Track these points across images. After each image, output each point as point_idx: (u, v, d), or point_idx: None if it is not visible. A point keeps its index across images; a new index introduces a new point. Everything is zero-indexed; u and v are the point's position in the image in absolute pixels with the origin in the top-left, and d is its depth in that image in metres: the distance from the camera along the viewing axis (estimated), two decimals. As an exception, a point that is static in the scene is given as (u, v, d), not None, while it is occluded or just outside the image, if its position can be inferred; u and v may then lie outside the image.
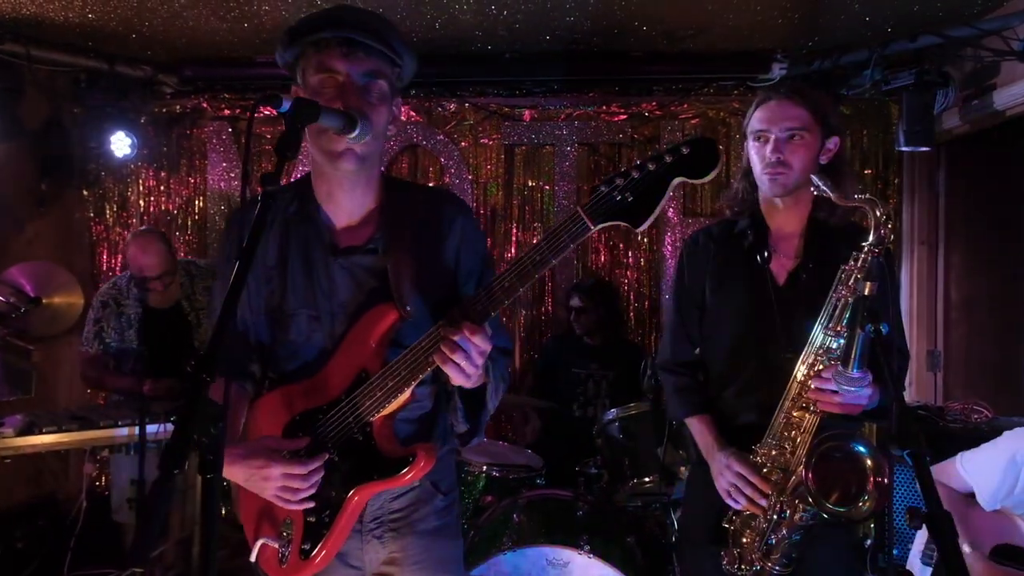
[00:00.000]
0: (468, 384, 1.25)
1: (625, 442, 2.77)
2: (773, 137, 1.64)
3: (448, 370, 1.22)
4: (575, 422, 3.51)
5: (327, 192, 1.39)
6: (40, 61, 3.56)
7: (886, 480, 1.40)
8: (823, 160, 1.67)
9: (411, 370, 1.25)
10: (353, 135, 1.22)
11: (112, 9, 3.14)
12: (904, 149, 3.52)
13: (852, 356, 1.30)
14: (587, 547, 2.20)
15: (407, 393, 1.28)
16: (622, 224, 1.17)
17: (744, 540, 1.59)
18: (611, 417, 2.82)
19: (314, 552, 1.30)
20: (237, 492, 1.38)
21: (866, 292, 1.26)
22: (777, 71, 3.65)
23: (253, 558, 1.31)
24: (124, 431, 2.68)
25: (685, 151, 1.15)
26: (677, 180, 1.16)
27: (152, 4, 3.10)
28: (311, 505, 1.28)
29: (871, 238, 1.46)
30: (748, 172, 1.75)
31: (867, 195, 1.48)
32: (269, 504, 1.29)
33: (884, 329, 1.20)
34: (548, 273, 4.13)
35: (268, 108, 1.08)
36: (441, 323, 1.22)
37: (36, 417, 2.64)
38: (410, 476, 1.28)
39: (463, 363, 1.19)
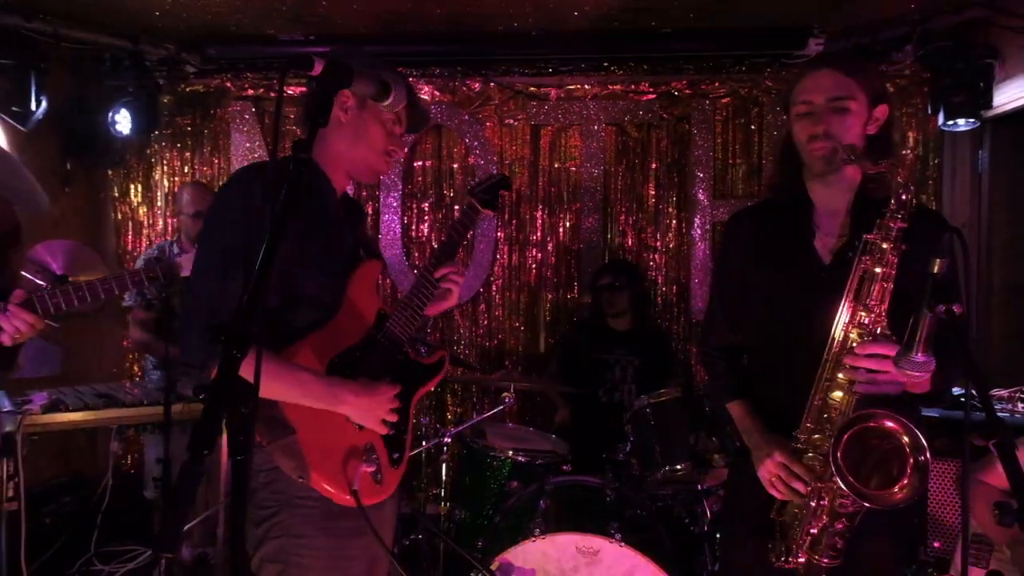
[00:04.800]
0: (455, 303, 1.75)
1: (656, 429, 2.71)
2: (817, 108, 1.56)
3: (453, 289, 1.69)
4: (601, 408, 3.46)
5: (338, 180, 1.60)
6: (65, 39, 3.54)
7: (924, 458, 1.34)
8: (871, 130, 1.59)
9: (420, 300, 1.63)
10: (387, 102, 1.20)
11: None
12: (946, 128, 3.39)
13: (917, 339, 1.22)
14: (618, 535, 2.15)
15: (418, 321, 1.63)
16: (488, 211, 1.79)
17: (791, 531, 1.53)
18: (642, 403, 2.76)
19: (404, 456, 1.59)
20: (312, 454, 1.41)
21: (935, 269, 1.18)
22: (813, 47, 3.53)
23: (357, 486, 1.42)
24: (150, 409, 2.68)
25: (500, 178, 1.85)
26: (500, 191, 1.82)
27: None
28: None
29: (892, 204, 1.43)
30: (791, 148, 1.67)
31: (892, 159, 1.45)
32: (346, 444, 1.46)
33: (957, 309, 1.12)
34: (573, 259, 4.08)
35: (292, 87, 1.09)
36: (429, 264, 1.66)
37: (62, 395, 2.65)
38: (444, 371, 1.69)
39: (460, 282, 1.71)
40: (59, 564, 3.37)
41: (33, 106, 3.33)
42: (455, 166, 4.10)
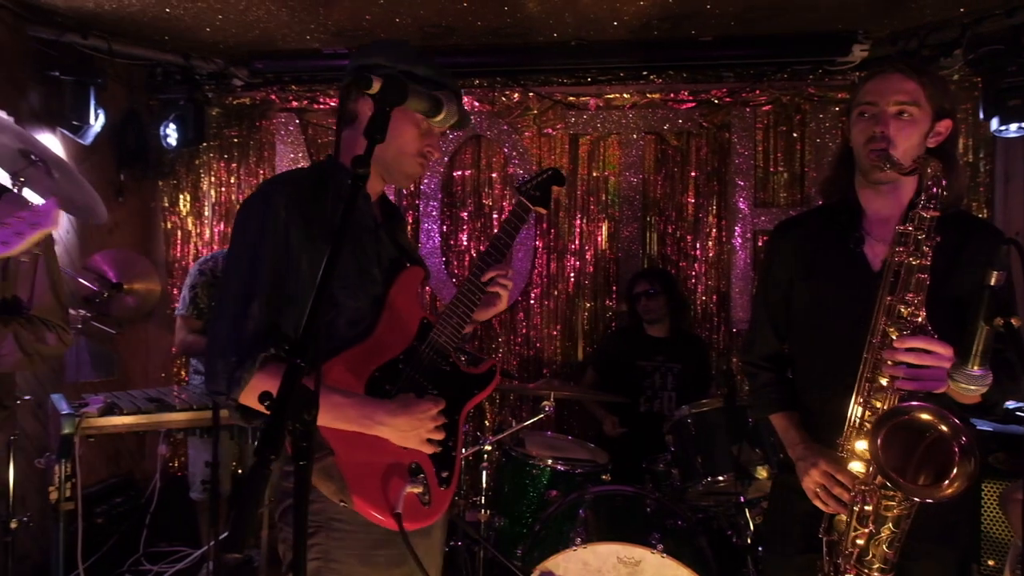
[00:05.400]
0: (504, 308, 1.67)
1: (698, 439, 2.69)
2: (880, 111, 1.52)
3: (501, 293, 1.61)
4: (640, 417, 3.44)
5: (369, 185, 1.51)
6: (120, 55, 3.69)
7: (965, 439, 1.28)
8: (931, 143, 1.54)
9: (467, 306, 1.55)
10: (439, 118, 1.22)
11: (189, 2, 3.21)
12: (998, 133, 3.31)
13: (974, 351, 1.19)
14: (660, 546, 2.13)
15: (469, 326, 1.57)
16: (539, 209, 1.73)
17: (839, 547, 1.50)
18: (683, 413, 2.74)
19: (454, 475, 1.48)
20: (352, 477, 1.34)
21: (992, 281, 1.15)
22: (858, 53, 3.48)
23: (400, 509, 1.32)
24: (199, 414, 2.75)
25: (551, 172, 1.77)
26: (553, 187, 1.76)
27: (226, -3, 3.16)
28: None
29: (923, 195, 1.43)
30: (846, 153, 1.65)
31: (923, 156, 1.45)
32: (389, 463, 1.37)
33: (1016, 322, 1.09)
34: (612, 266, 4.07)
35: (334, 99, 1.14)
36: (475, 267, 1.58)
37: (116, 399, 2.73)
38: (496, 381, 1.59)
39: (510, 286, 1.63)
40: (110, 563, 3.48)
41: (91, 120, 3.47)
42: (494, 175, 4.14)
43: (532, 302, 4.12)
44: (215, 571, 2.84)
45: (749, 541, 2.53)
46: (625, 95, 4.01)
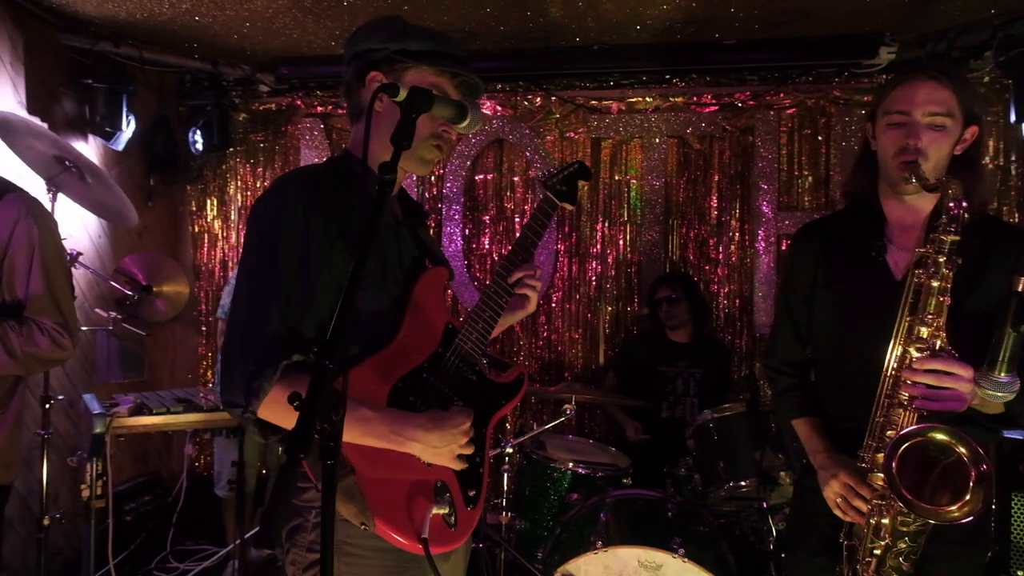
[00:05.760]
0: (533, 310, 1.60)
1: (720, 444, 2.67)
2: (913, 121, 1.49)
3: (530, 294, 1.55)
4: (662, 422, 3.43)
5: (378, 157, 1.40)
6: (151, 63, 3.77)
7: (985, 467, 1.28)
8: (957, 151, 1.52)
9: (493, 309, 1.48)
10: (463, 124, 1.23)
11: (218, 10, 3.27)
12: (1029, 137, 3.26)
13: (1001, 358, 1.18)
14: (681, 550, 2.13)
15: (495, 331, 1.49)
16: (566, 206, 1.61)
17: (857, 555, 1.49)
18: (705, 418, 2.73)
19: (481, 494, 1.38)
20: (375, 497, 1.23)
21: (1020, 288, 1.14)
22: (885, 55, 3.44)
23: (426, 534, 1.22)
24: (226, 414, 2.79)
25: (577, 166, 1.65)
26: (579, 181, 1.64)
27: (255, 6, 3.21)
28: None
29: (943, 218, 1.40)
30: (868, 158, 1.63)
31: (946, 176, 1.43)
32: (414, 482, 1.27)
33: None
34: (634, 270, 4.07)
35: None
36: (501, 269, 1.51)
37: (146, 399, 2.79)
38: (524, 389, 1.50)
39: (539, 287, 1.56)
40: (139, 560, 3.55)
41: (124, 126, 3.55)
42: (516, 179, 4.16)
43: (553, 306, 4.13)
44: (240, 569, 2.88)
45: (771, 547, 2.52)
46: (648, 99, 4.00)
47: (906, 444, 1.35)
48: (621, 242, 4.10)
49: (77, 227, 3.49)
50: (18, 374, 1.86)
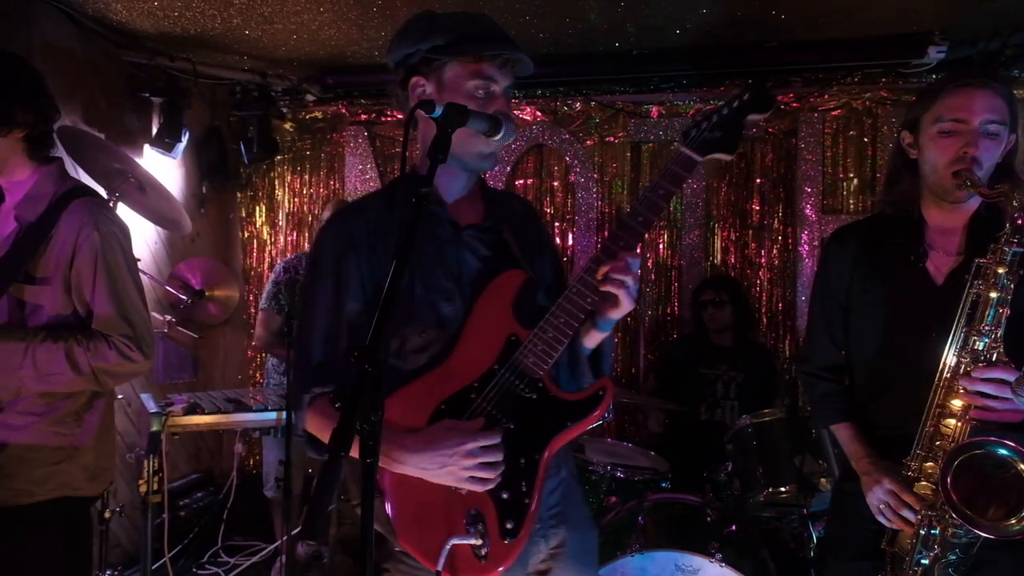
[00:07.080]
0: (629, 308, 1.31)
1: (759, 449, 2.65)
2: (971, 129, 1.47)
3: (618, 293, 1.27)
4: (702, 425, 3.42)
5: (444, 182, 1.40)
6: (204, 76, 3.93)
7: None
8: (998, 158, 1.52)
9: (570, 314, 1.28)
10: (498, 137, 1.26)
11: (267, 24, 3.40)
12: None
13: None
14: (719, 555, 2.13)
15: (566, 342, 1.29)
16: (721, 156, 1.34)
17: (902, 563, 1.48)
18: (744, 423, 2.72)
19: (522, 527, 1.22)
20: (400, 521, 1.22)
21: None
22: (934, 55, 3.36)
23: (440, 566, 1.16)
24: (273, 415, 2.90)
25: (747, 96, 1.36)
26: (749, 117, 1.35)
27: (302, 19, 3.32)
28: (498, 481, 1.22)
29: (1008, 228, 1.39)
30: (908, 166, 1.61)
31: (1006, 184, 1.41)
32: (442, 505, 1.21)
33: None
34: (675, 273, 4.05)
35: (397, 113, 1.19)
36: (591, 263, 1.29)
37: (198, 399, 2.91)
38: (601, 410, 1.28)
39: (631, 284, 1.27)
40: (192, 554, 3.69)
41: (181, 137, 3.71)
42: (555, 184, 4.19)
43: (593, 309, 4.13)
44: (288, 564, 2.98)
45: (812, 554, 2.49)
46: (688, 102, 3.99)
47: (963, 456, 1.34)
48: (661, 245, 4.09)
49: (135, 235, 3.60)
50: (93, 389, 1.77)
